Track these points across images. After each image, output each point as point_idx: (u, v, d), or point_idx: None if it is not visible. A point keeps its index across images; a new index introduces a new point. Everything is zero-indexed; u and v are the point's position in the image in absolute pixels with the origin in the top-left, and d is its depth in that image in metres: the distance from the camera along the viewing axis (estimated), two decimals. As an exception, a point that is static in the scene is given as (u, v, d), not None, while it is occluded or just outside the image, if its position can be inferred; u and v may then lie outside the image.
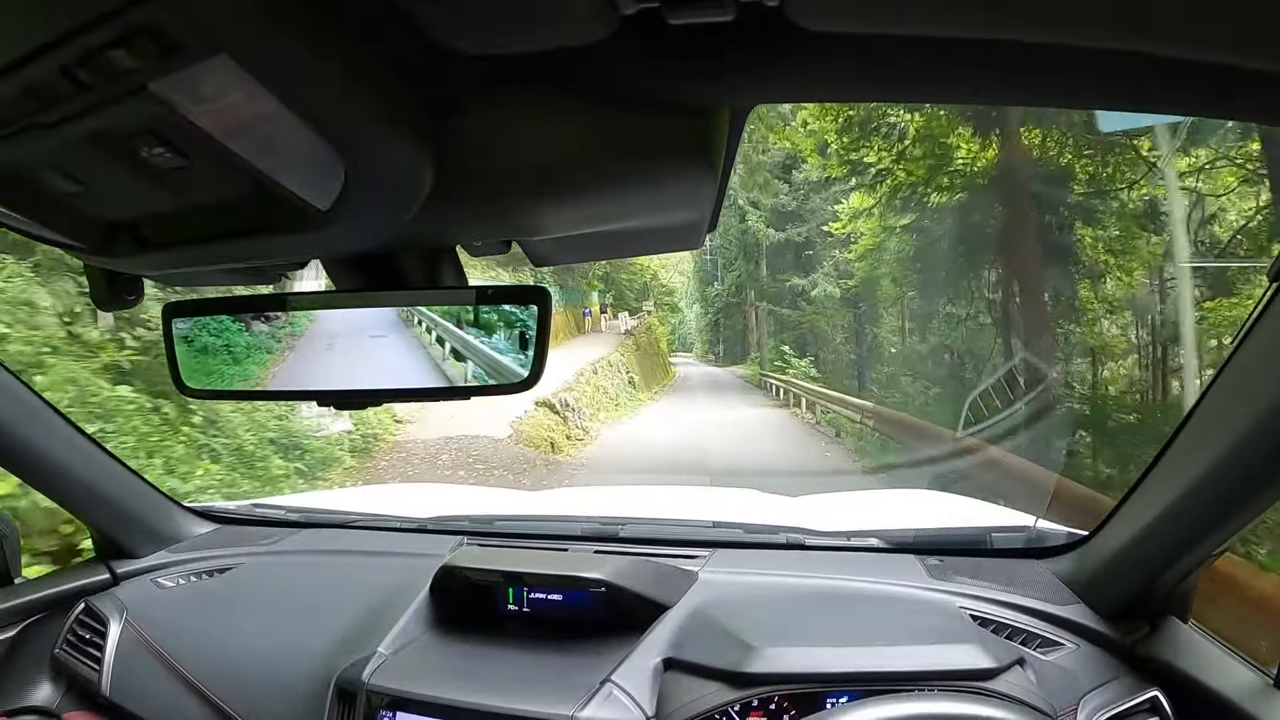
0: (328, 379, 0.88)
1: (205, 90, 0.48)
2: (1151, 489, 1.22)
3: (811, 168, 20.60)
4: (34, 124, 0.51)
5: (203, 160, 0.55)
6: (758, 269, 32.31)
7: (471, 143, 0.63)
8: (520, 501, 2.57)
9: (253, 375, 0.90)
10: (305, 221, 0.62)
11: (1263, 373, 0.95)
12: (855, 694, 1.19)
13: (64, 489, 1.68)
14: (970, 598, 1.44)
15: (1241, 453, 1.00)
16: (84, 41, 0.42)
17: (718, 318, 49.45)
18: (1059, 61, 0.53)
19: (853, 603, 1.45)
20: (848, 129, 14.17)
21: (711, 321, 51.99)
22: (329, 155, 0.55)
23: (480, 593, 1.51)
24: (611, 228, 0.85)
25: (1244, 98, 0.59)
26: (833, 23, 0.50)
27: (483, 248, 0.88)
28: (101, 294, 0.87)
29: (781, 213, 27.42)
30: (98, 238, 0.72)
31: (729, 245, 36.38)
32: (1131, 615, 1.32)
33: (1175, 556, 1.21)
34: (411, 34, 0.51)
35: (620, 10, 0.48)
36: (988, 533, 1.67)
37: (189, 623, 1.66)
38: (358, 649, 1.42)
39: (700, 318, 57.51)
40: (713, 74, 0.61)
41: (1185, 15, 0.45)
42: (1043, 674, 1.26)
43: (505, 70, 0.58)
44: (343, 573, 1.77)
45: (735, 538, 1.75)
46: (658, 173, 0.70)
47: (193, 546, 1.92)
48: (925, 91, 0.96)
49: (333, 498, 2.48)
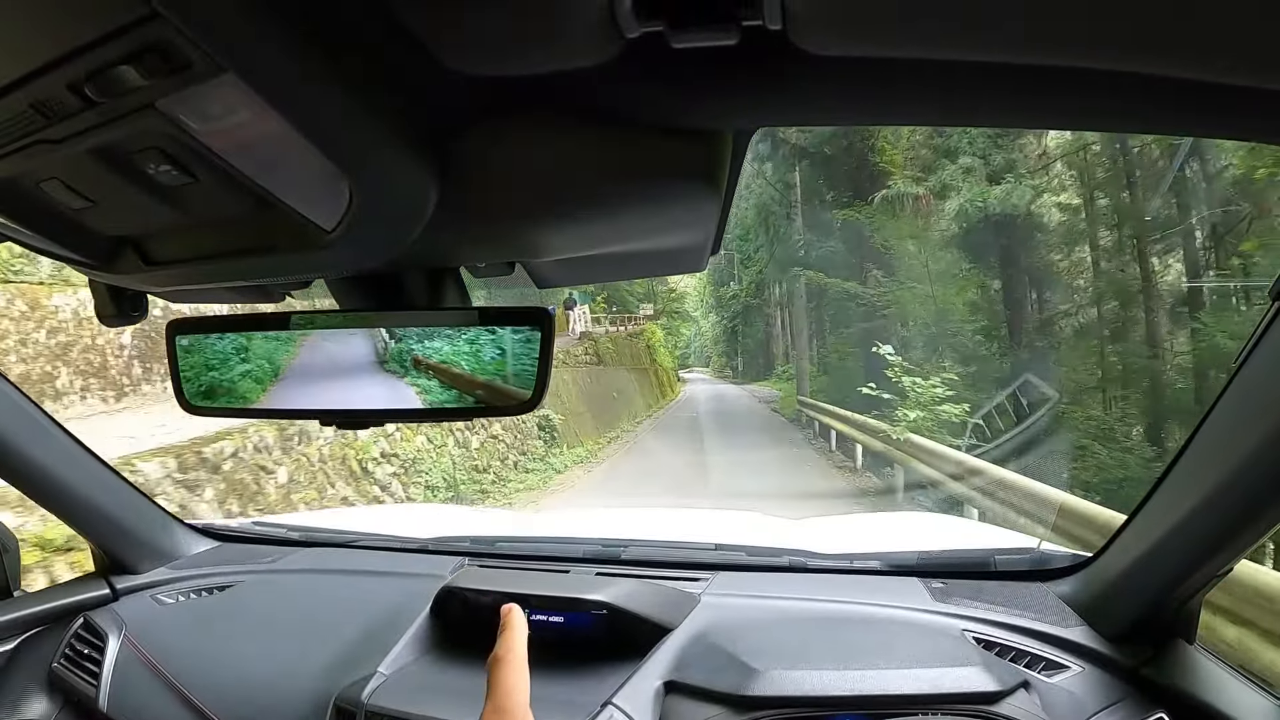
0: (331, 398, 0.88)
1: (212, 109, 0.48)
2: (1156, 510, 1.22)
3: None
4: (41, 139, 0.52)
5: (208, 178, 0.55)
6: (789, 238, 24.12)
7: (475, 164, 0.64)
8: (522, 523, 2.56)
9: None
10: (310, 241, 0.63)
11: (1266, 392, 0.95)
12: (858, 718, 1.18)
13: (64, 503, 1.67)
14: (974, 620, 1.43)
15: (1246, 472, 1.00)
16: (92, 58, 0.43)
17: (734, 324, 43.92)
18: (1063, 84, 0.54)
19: (855, 625, 1.44)
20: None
21: (728, 329, 46.71)
22: (334, 175, 0.55)
23: (481, 614, 1.50)
24: (615, 249, 0.85)
25: (1251, 118, 0.59)
26: (836, 47, 0.51)
27: (486, 269, 0.89)
28: (106, 310, 0.87)
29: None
30: (103, 254, 0.73)
31: (747, 233, 31.56)
32: (1137, 637, 1.30)
33: (1181, 578, 1.20)
34: (416, 56, 0.51)
35: (624, 33, 0.48)
36: (991, 555, 1.66)
37: (188, 640, 1.65)
38: (357, 669, 1.41)
39: (715, 326, 51.85)
40: (716, 97, 0.61)
41: (1192, 37, 0.46)
42: (1047, 697, 1.24)
43: (509, 92, 0.59)
44: (343, 592, 1.76)
45: (737, 560, 1.74)
46: (661, 195, 0.70)
47: (193, 563, 1.92)
48: (929, 114, 0.97)
49: (334, 517, 2.48)
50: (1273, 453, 0.95)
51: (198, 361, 0.91)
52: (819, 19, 0.47)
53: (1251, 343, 0.96)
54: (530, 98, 0.60)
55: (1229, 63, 0.48)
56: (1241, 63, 0.48)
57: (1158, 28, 0.45)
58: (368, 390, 0.85)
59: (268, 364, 0.88)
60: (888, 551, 1.73)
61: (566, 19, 0.48)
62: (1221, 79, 0.49)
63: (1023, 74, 0.52)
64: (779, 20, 0.46)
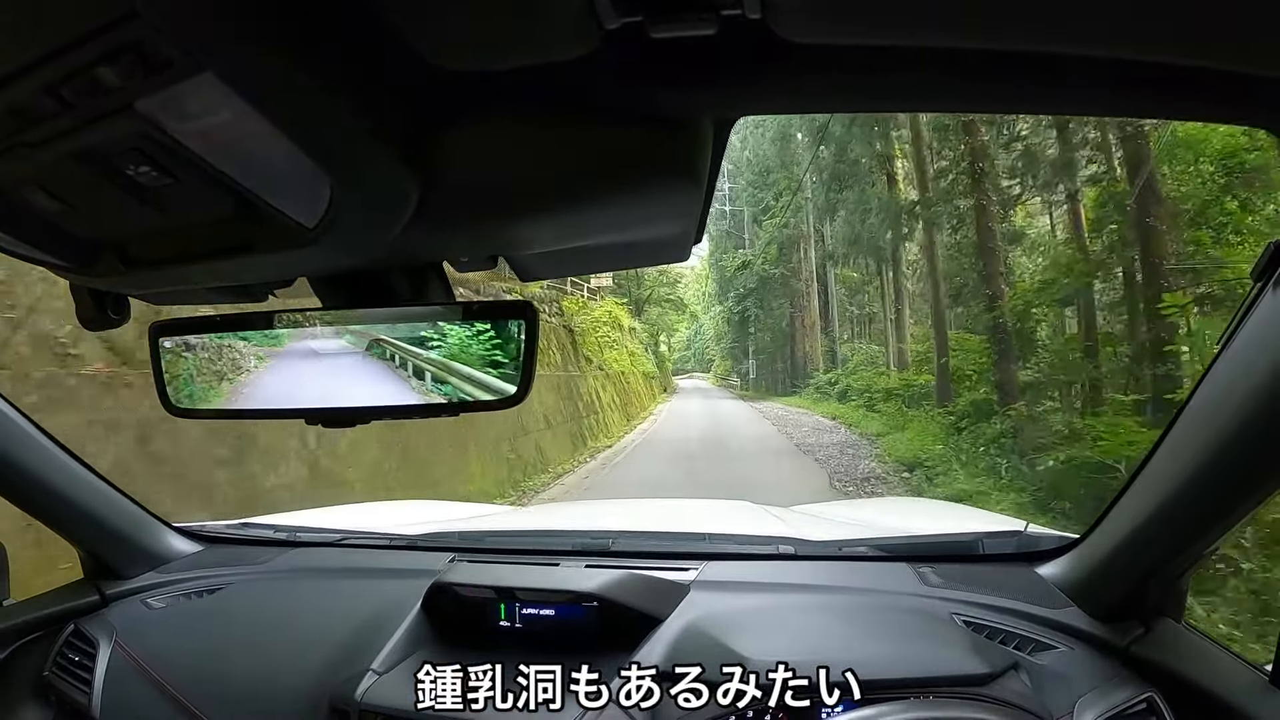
0: (316, 397, 0.88)
1: (191, 108, 0.48)
2: (1141, 490, 1.23)
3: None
4: (19, 143, 0.51)
5: (188, 179, 0.55)
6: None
7: (457, 158, 0.63)
8: (511, 517, 2.56)
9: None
10: (292, 239, 0.62)
11: (1249, 371, 0.96)
12: (849, 704, 1.19)
13: (51, 509, 1.66)
14: (963, 604, 1.44)
15: (1230, 452, 1.01)
16: (69, 59, 0.42)
17: (744, 307, 29.88)
18: (1042, 69, 0.54)
19: (846, 612, 1.45)
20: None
21: (734, 317, 32.51)
22: (315, 173, 0.55)
23: (472, 609, 1.50)
24: (597, 241, 0.85)
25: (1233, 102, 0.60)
26: (815, 34, 0.51)
27: (469, 263, 0.88)
28: (88, 314, 0.86)
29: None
30: (83, 257, 0.72)
31: (765, 175, 22.41)
32: (1125, 617, 1.32)
33: (1167, 557, 1.22)
34: (396, 51, 0.51)
35: (603, 25, 0.48)
36: (979, 538, 1.67)
37: (179, 644, 1.64)
38: (350, 667, 1.41)
39: (718, 319, 37.39)
40: (696, 87, 0.61)
41: (1173, 22, 0.46)
42: (1038, 678, 1.26)
43: (490, 86, 0.59)
44: (334, 591, 1.75)
45: (727, 549, 1.75)
46: (643, 186, 0.70)
47: (182, 567, 1.91)
48: (909, 101, 0.98)
49: (322, 516, 2.46)
50: (1257, 432, 0.96)
51: (181, 364, 0.91)
52: (798, 7, 0.48)
53: (1235, 322, 0.97)
54: (511, 91, 0.59)
55: (1202, 48, 0.49)
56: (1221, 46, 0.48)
57: (1134, 14, 0.45)
58: (353, 388, 0.85)
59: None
60: (876, 538, 1.74)
61: (546, 11, 0.48)
62: (1197, 63, 0.50)
63: (1002, 60, 0.52)
64: (758, 9, 0.46)
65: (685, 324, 45.56)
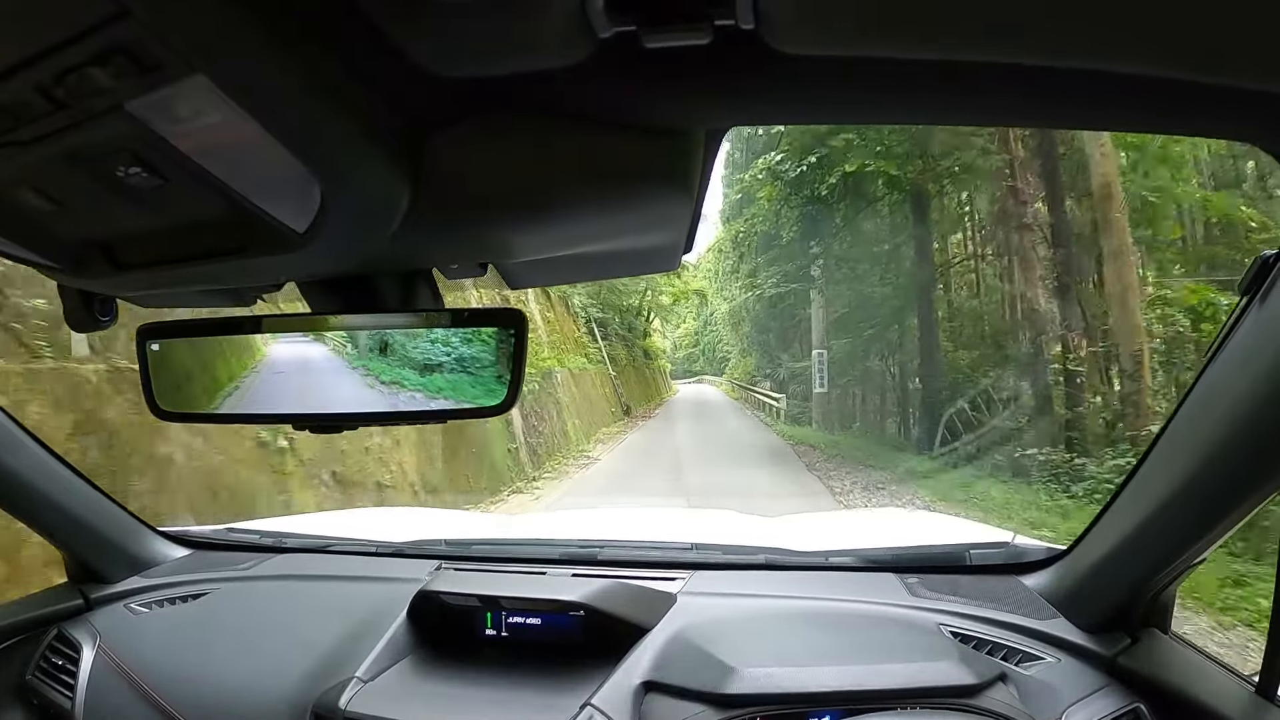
0: (304, 402, 0.87)
1: (182, 110, 0.48)
2: (1129, 502, 1.24)
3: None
4: (9, 141, 0.51)
5: (178, 181, 0.55)
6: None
7: (448, 165, 0.63)
8: (497, 525, 2.54)
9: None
10: (281, 243, 0.62)
11: (1236, 384, 0.97)
12: (836, 713, 1.19)
13: (36, 512, 1.65)
14: (950, 614, 1.44)
15: (1216, 464, 1.02)
16: (61, 59, 0.42)
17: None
18: (1031, 82, 0.55)
19: (833, 622, 1.45)
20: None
21: (767, 302, 20.10)
22: (305, 177, 0.55)
23: (458, 617, 1.49)
24: (588, 250, 0.86)
25: (1206, 114, 0.61)
26: (807, 46, 0.51)
27: (459, 270, 0.88)
28: (76, 315, 0.86)
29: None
30: (72, 258, 0.72)
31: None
32: (1112, 628, 1.32)
33: (1155, 569, 1.22)
34: (389, 57, 0.51)
35: (597, 34, 0.48)
36: (966, 549, 1.67)
37: (163, 649, 1.63)
38: (334, 675, 1.40)
39: (733, 301, 25.64)
40: (689, 96, 0.62)
41: (1163, 37, 0.47)
42: (1025, 689, 1.26)
43: (482, 93, 0.59)
44: (318, 597, 1.74)
45: (714, 559, 1.75)
46: (634, 195, 0.70)
47: (167, 571, 1.89)
48: (898, 112, 0.98)
49: (307, 521, 2.45)
50: (1242, 445, 0.97)
51: (169, 367, 0.90)
52: (791, 19, 0.48)
53: (1221, 336, 0.98)
54: (503, 98, 0.60)
55: (1191, 63, 0.49)
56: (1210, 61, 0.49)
57: (1121, 28, 0.46)
58: (342, 393, 0.85)
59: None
60: (864, 548, 1.74)
61: (539, 19, 0.48)
62: (1186, 77, 0.50)
63: (993, 72, 0.53)
64: (751, 20, 0.47)
65: (693, 314, 36.13)
